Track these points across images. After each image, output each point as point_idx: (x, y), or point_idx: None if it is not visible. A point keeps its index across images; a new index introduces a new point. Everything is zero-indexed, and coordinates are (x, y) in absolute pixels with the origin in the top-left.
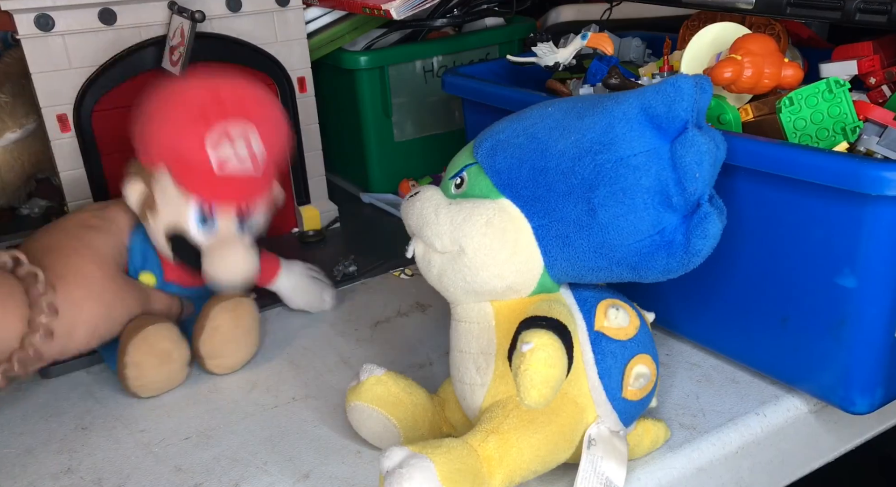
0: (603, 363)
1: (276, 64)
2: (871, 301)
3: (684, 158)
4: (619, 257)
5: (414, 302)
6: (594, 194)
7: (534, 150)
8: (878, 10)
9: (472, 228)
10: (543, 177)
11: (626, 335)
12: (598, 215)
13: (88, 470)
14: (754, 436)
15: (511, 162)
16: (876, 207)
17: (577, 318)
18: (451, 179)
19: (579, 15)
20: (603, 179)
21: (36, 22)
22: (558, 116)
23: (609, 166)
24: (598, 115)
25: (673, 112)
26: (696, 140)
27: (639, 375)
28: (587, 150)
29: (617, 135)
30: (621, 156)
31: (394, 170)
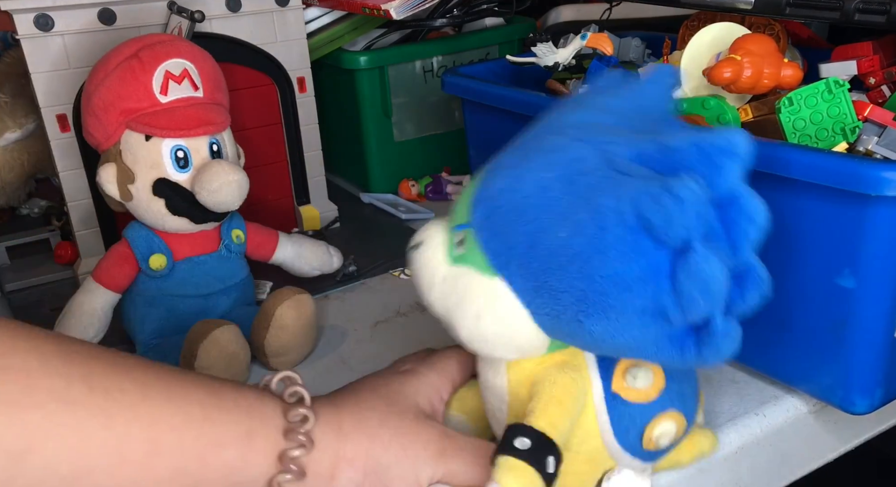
0: (619, 425)
1: (276, 64)
2: (871, 302)
3: (684, 284)
4: (626, 355)
5: (414, 302)
6: (582, 309)
7: (525, 236)
8: (877, 10)
9: (463, 318)
10: (532, 273)
11: (646, 398)
12: (587, 327)
13: None
14: (754, 436)
15: (503, 246)
16: (876, 207)
17: (594, 377)
18: (454, 228)
19: (579, 15)
20: (591, 295)
21: (35, 22)
22: (556, 194)
23: (599, 282)
24: (591, 212)
25: (671, 229)
26: (700, 266)
27: (662, 434)
28: (575, 256)
29: (608, 244)
30: (610, 273)
31: (394, 170)
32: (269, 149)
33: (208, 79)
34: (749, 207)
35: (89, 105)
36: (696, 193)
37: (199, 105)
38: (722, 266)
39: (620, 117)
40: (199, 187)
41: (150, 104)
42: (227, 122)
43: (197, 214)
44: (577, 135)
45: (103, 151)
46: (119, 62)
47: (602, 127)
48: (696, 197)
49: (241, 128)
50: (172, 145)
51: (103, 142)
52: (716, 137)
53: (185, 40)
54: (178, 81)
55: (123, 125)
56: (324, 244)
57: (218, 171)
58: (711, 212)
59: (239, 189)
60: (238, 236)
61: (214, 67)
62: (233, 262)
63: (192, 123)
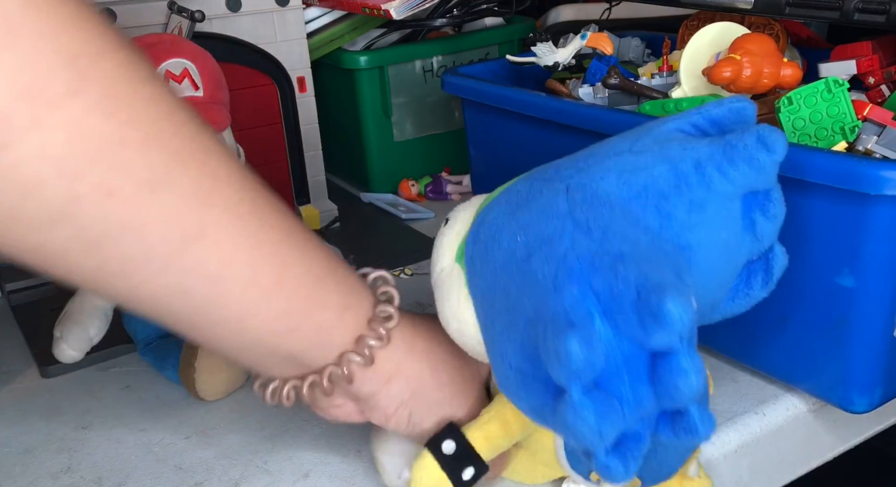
0: (572, 452)
1: (276, 64)
2: (870, 301)
3: (557, 423)
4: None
5: (414, 302)
6: (497, 382)
7: (483, 288)
8: (876, 9)
9: (440, 312)
10: (482, 325)
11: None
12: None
13: (88, 470)
14: (753, 435)
15: (473, 280)
16: (875, 206)
17: None
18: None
19: (579, 15)
20: (499, 378)
21: None
22: (514, 265)
23: (505, 370)
24: (515, 308)
25: (553, 372)
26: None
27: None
28: (499, 333)
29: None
30: (514, 365)
31: (394, 170)
32: (269, 149)
33: (209, 78)
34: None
35: None
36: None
37: (200, 105)
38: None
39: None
40: None
41: None
42: (227, 121)
43: None
44: (574, 207)
45: None
46: None
47: (610, 205)
48: (572, 359)
49: (241, 128)
50: None
51: None
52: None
53: (185, 40)
54: (179, 80)
55: None
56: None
57: None
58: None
59: None
60: None
61: (215, 66)
62: None
63: None
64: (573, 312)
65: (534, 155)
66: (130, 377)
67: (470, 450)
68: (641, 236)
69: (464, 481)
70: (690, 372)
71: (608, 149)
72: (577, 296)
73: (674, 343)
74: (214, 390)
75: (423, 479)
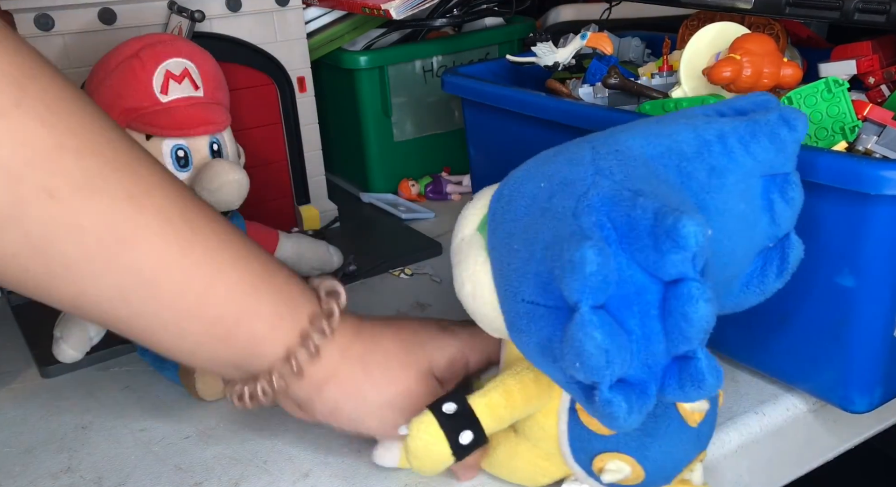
0: (574, 441)
1: (276, 64)
2: (870, 301)
3: (565, 346)
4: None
5: (414, 302)
6: (508, 328)
7: (503, 237)
8: (876, 9)
9: (455, 280)
10: (498, 274)
11: (601, 431)
12: (512, 339)
13: (88, 470)
14: (753, 435)
15: (493, 233)
16: (875, 206)
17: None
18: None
19: (579, 15)
20: (510, 318)
21: (36, 22)
22: (536, 208)
23: (516, 306)
24: (533, 240)
25: (565, 287)
26: (577, 335)
27: (609, 470)
28: (513, 273)
29: (529, 275)
30: (527, 300)
31: (394, 170)
32: (269, 149)
33: (209, 78)
34: (685, 303)
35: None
36: (588, 261)
37: (200, 104)
38: (599, 340)
39: (672, 154)
40: (200, 187)
41: (150, 104)
42: (227, 121)
43: None
44: (599, 157)
45: None
46: (119, 62)
47: (633, 158)
48: (586, 265)
49: (241, 128)
50: (173, 145)
51: None
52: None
53: (185, 40)
54: (179, 80)
55: (124, 125)
56: (324, 243)
57: (218, 170)
58: (648, 289)
59: (239, 188)
60: None
61: (215, 66)
62: None
63: (192, 123)
64: (590, 231)
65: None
66: (130, 377)
67: (470, 413)
68: (662, 186)
69: (461, 445)
70: (700, 300)
71: (635, 124)
72: (595, 222)
73: (686, 269)
74: (214, 390)
75: (420, 434)
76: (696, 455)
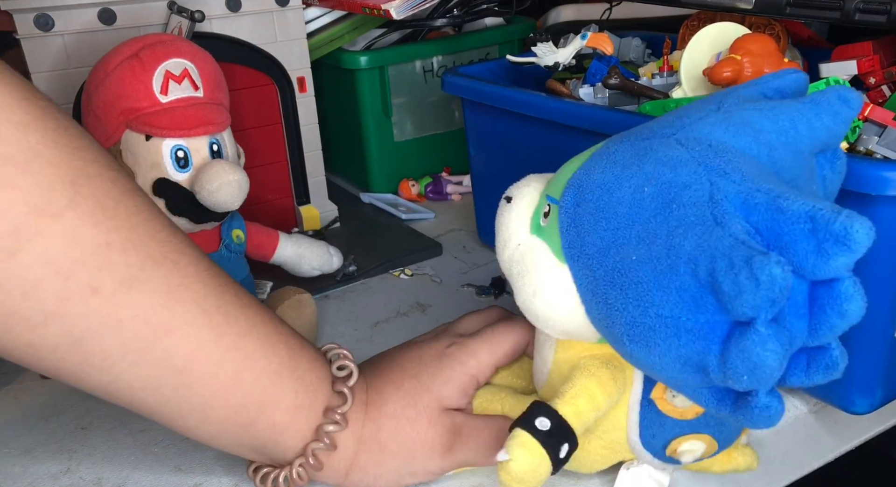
0: (647, 429)
1: (276, 64)
2: (871, 301)
3: (734, 359)
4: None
5: (414, 302)
6: (629, 335)
7: (599, 242)
8: (877, 10)
9: (521, 289)
10: (593, 282)
11: (681, 416)
12: (630, 351)
13: (88, 471)
14: (753, 436)
15: (578, 239)
16: (876, 207)
17: (636, 379)
18: (547, 198)
19: (579, 15)
20: (640, 327)
21: (35, 22)
22: (647, 212)
23: (651, 317)
24: (669, 248)
25: (739, 305)
26: (753, 350)
27: (686, 450)
28: (639, 282)
29: (672, 286)
30: (666, 313)
31: (394, 170)
32: (269, 149)
33: (208, 79)
34: (843, 301)
35: (89, 105)
36: (777, 279)
37: (200, 105)
38: (780, 354)
39: (761, 144)
40: (199, 187)
41: (150, 104)
42: (227, 122)
43: (197, 213)
44: (698, 155)
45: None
46: (119, 62)
47: (732, 152)
48: (775, 283)
49: (241, 128)
50: (173, 145)
51: (104, 142)
52: (835, 220)
53: (185, 40)
54: (179, 80)
55: (123, 125)
56: (324, 244)
57: (218, 171)
58: (797, 290)
59: (239, 189)
60: (238, 235)
61: (215, 66)
62: (233, 262)
63: (192, 123)
64: (749, 242)
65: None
66: None
67: (565, 425)
68: (775, 179)
69: (560, 459)
70: (857, 296)
71: (691, 113)
72: (744, 229)
73: (848, 269)
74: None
75: (525, 458)
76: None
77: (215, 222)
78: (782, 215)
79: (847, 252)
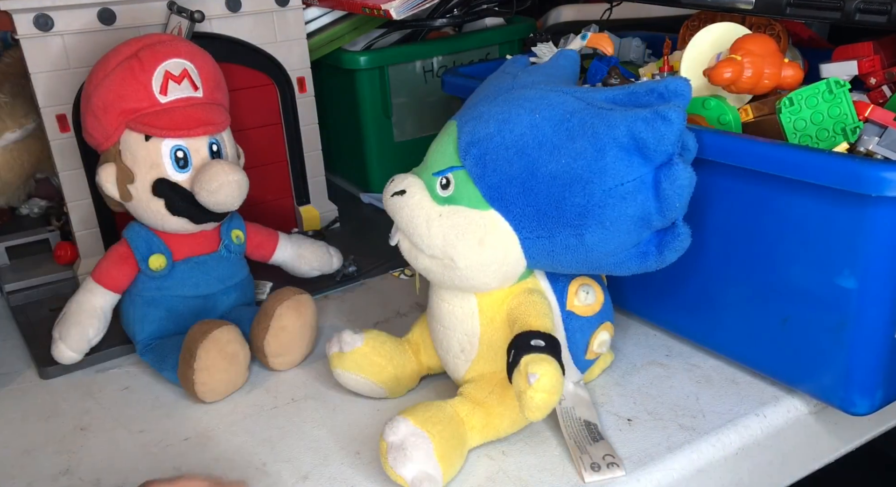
0: (573, 338)
1: (276, 64)
2: (871, 302)
3: (668, 190)
4: (599, 266)
5: (413, 302)
6: (583, 222)
7: (523, 168)
8: (878, 10)
9: (466, 246)
10: (533, 198)
11: (592, 312)
12: (585, 239)
13: (87, 471)
14: (754, 437)
15: (501, 178)
16: (876, 207)
17: (552, 300)
18: (435, 174)
19: (579, 15)
20: (592, 209)
21: (35, 22)
22: (548, 130)
23: (599, 196)
24: (589, 139)
25: (662, 145)
26: (680, 175)
27: (602, 342)
28: (578, 177)
29: (607, 163)
30: (610, 186)
31: (393, 170)
32: (269, 149)
33: (208, 79)
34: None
35: (89, 105)
36: (681, 115)
37: (199, 105)
38: (692, 174)
39: (558, 79)
40: (199, 188)
41: (149, 104)
42: (226, 122)
43: (197, 214)
44: (547, 88)
45: (103, 152)
46: (119, 62)
47: (557, 84)
48: (681, 119)
49: (241, 128)
50: (172, 145)
51: (103, 142)
52: (667, 82)
53: (184, 40)
54: (178, 81)
55: (123, 125)
56: (323, 245)
57: (217, 171)
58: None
59: (239, 189)
60: (238, 236)
61: (214, 66)
62: (232, 262)
63: (191, 123)
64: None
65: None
66: (129, 378)
67: (552, 337)
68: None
69: (562, 365)
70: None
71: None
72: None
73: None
74: (214, 391)
75: (549, 370)
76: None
77: (215, 222)
78: (635, 95)
79: (683, 98)
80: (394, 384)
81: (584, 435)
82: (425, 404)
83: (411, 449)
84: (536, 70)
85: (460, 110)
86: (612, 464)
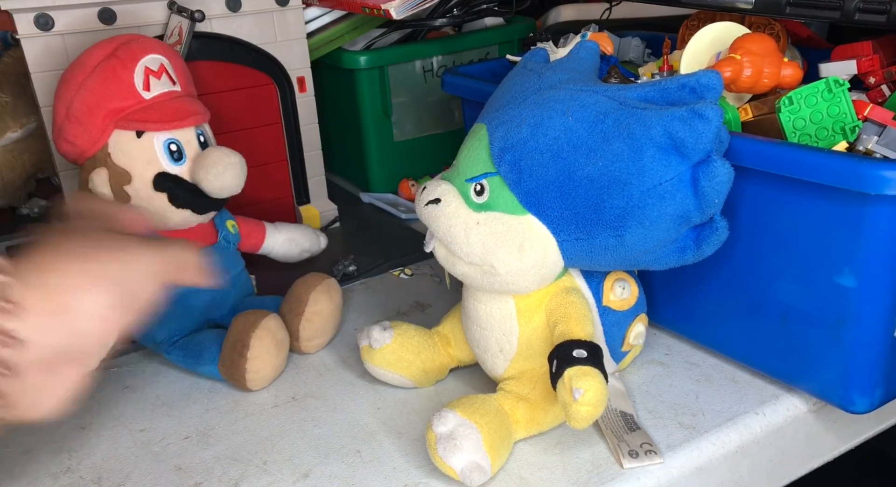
0: (610, 333)
1: (276, 64)
2: (870, 301)
3: (707, 187)
4: (637, 263)
5: (413, 302)
6: (623, 223)
7: (560, 172)
8: (877, 9)
9: (506, 253)
10: (571, 201)
11: (628, 306)
12: (625, 239)
13: (88, 470)
14: (754, 436)
15: (537, 183)
16: (875, 206)
17: (588, 296)
18: (469, 181)
19: (579, 15)
20: (632, 210)
21: (35, 21)
22: (582, 133)
23: (638, 197)
24: (625, 140)
25: (700, 144)
26: (719, 171)
27: (638, 334)
28: (616, 179)
29: (645, 164)
30: (649, 186)
31: (394, 170)
32: (269, 149)
33: (181, 73)
34: (717, 175)
35: (69, 112)
36: (718, 112)
37: (180, 98)
38: (730, 170)
39: (583, 75)
40: (204, 173)
41: (135, 101)
42: (208, 112)
43: (200, 203)
44: (576, 88)
45: (88, 159)
46: (96, 64)
47: (584, 82)
48: (718, 115)
49: (241, 127)
50: (165, 139)
51: (88, 148)
52: (698, 76)
53: (152, 37)
54: (158, 75)
55: (111, 126)
56: (308, 227)
57: (219, 155)
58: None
59: (242, 170)
60: (233, 225)
61: (182, 61)
62: (231, 253)
63: (180, 115)
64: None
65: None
66: (130, 377)
67: (594, 345)
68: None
69: (606, 373)
70: (725, 168)
71: (541, 78)
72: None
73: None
74: (265, 378)
75: (593, 384)
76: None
77: (215, 210)
78: (667, 91)
79: (715, 91)
80: (421, 376)
81: (621, 425)
82: (470, 397)
83: (461, 439)
84: (560, 66)
85: (485, 112)
86: (651, 452)
